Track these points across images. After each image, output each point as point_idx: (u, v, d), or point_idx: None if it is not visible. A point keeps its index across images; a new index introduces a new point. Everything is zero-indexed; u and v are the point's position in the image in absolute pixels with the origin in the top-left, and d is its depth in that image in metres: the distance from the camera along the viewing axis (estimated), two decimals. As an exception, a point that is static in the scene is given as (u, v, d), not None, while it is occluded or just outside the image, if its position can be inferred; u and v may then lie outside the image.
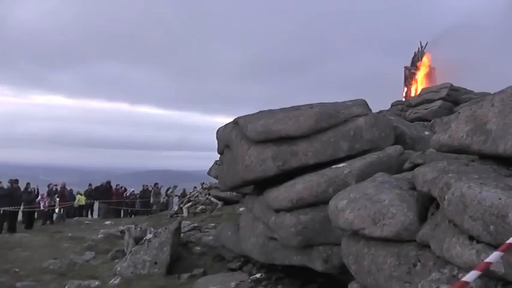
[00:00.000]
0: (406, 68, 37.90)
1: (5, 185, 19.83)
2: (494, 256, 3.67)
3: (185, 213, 21.20)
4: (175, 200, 29.02)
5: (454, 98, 25.78)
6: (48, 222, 22.57)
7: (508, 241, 3.69)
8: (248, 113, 10.02)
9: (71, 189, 27.22)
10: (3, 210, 18.66)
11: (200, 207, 21.58)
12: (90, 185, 29.43)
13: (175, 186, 31.08)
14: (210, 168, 19.86)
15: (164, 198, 30.38)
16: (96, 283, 11.00)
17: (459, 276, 4.40)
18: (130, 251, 11.97)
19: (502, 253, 3.66)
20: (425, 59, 37.24)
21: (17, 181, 20.34)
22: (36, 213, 22.63)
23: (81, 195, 27.58)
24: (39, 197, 22.53)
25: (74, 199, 26.41)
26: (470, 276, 3.64)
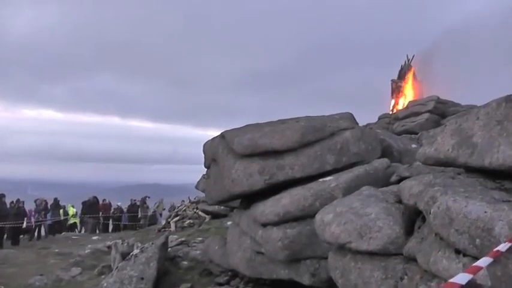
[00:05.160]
0: (393, 81, 38.03)
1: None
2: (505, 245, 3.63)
3: (173, 228, 21.04)
4: (164, 213, 28.84)
5: (441, 111, 25.86)
6: (35, 238, 22.37)
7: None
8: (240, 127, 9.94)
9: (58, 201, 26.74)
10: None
11: (188, 221, 21.39)
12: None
13: (160, 201, 30.88)
14: (198, 182, 19.76)
15: (153, 212, 30.20)
16: (82, 299, 10.89)
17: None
18: (117, 267, 11.81)
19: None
20: (411, 72, 37.39)
21: (3, 196, 20.09)
22: (22, 229, 22.38)
23: (73, 207, 27.35)
24: (28, 212, 22.33)
25: (59, 214, 26.01)
26: (484, 261, 3.56)
